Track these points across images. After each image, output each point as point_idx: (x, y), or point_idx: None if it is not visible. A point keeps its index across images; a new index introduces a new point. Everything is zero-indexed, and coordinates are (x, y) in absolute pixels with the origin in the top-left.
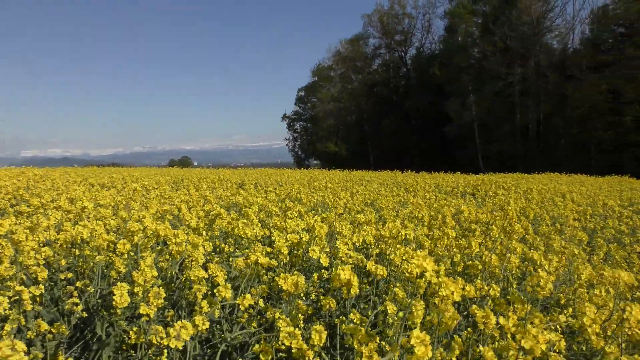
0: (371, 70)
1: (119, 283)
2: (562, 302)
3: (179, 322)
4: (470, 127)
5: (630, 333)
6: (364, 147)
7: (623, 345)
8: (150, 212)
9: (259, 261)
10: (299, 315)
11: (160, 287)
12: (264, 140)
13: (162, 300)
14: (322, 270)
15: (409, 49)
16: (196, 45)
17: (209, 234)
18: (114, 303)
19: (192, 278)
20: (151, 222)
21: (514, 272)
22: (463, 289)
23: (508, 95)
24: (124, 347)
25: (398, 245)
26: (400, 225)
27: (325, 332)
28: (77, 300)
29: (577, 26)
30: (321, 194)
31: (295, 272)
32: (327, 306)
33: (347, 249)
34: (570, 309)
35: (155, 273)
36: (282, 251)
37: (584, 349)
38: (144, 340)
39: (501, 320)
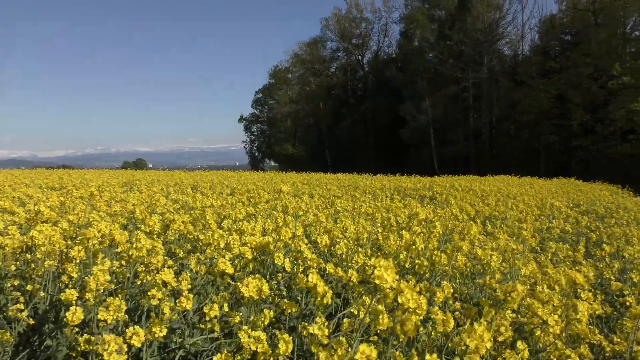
0: (329, 73)
1: (67, 290)
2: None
3: (130, 328)
4: (426, 129)
5: (575, 328)
6: (321, 149)
7: (564, 339)
8: (100, 213)
9: (226, 271)
10: (259, 321)
11: (115, 296)
12: (220, 143)
13: (123, 314)
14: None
15: (366, 53)
16: (151, 44)
17: (162, 238)
18: (65, 320)
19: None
20: (105, 226)
21: (465, 271)
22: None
23: (462, 99)
24: (74, 355)
25: (360, 250)
26: (357, 226)
27: (290, 340)
28: (22, 307)
29: (527, 34)
30: (276, 196)
31: (257, 275)
32: (289, 310)
33: (310, 253)
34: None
35: (108, 277)
36: (245, 256)
37: (539, 345)
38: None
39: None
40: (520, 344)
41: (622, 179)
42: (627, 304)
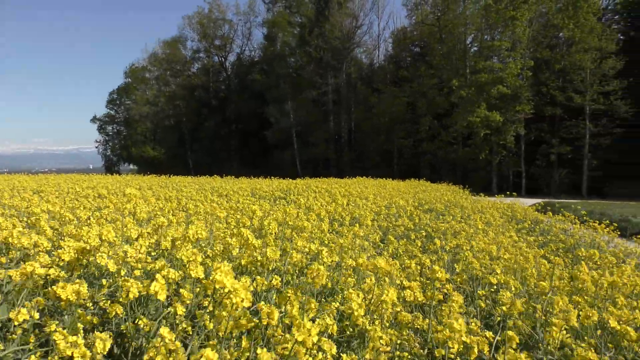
0: (190, 74)
1: None
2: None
3: None
4: (289, 132)
5: (390, 313)
6: (183, 151)
7: (387, 323)
8: None
9: (36, 272)
10: (79, 325)
11: None
12: (72, 144)
13: None
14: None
15: (229, 55)
16: None
17: None
18: None
19: None
20: None
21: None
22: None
23: (323, 103)
24: None
25: (188, 245)
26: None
27: (108, 337)
28: None
29: (382, 44)
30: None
31: (77, 280)
32: (114, 313)
33: (140, 253)
34: (340, 296)
35: None
36: (62, 258)
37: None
38: None
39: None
40: (329, 319)
41: (462, 180)
42: (445, 290)
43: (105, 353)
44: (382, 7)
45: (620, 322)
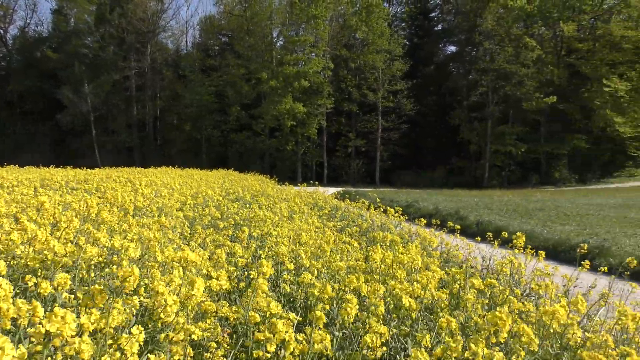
0: None
1: None
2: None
3: None
4: (87, 118)
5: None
6: None
7: (192, 315)
8: None
9: None
10: None
11: None
12: None
13: None
14: None
15: (10, 28)
16: None
17: None
18: None
19: None
20: None
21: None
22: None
23: (125, 88)
24: None
25: None
26: None
27: None
28: None
29: (190, 30)
30: None
31: None
32: None
33: None
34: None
35: None
36: None
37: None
38: None
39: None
40: (135, 329)
41: (270, 170)
42: (251, 276)
43: None
44: None
45: (394, 290)
